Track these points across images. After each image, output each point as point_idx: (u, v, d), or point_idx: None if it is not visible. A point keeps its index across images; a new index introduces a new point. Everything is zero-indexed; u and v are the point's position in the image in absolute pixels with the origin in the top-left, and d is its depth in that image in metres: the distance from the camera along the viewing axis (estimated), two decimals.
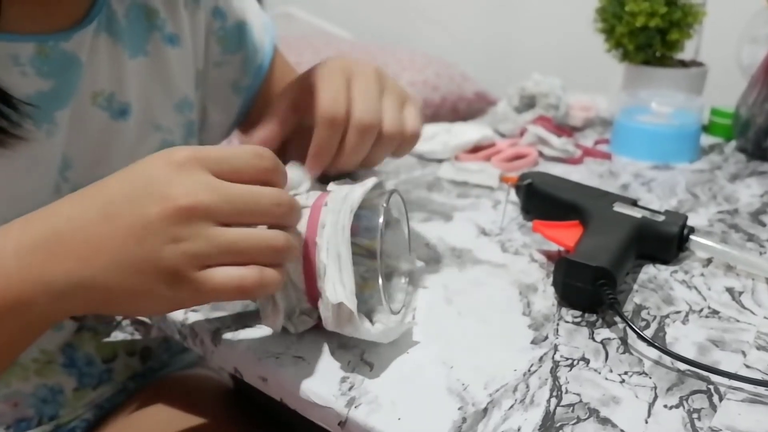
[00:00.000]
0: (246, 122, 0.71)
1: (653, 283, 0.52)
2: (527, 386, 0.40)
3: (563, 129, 0.87)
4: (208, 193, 0.34)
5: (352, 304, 0.38)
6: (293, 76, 0.72)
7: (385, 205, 0.43)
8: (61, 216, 0.35)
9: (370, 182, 0.45)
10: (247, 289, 0.35)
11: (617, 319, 0.47)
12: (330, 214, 0.41)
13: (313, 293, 0.41)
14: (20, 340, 0.38)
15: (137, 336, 0.60)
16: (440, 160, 0.82)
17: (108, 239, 0.34)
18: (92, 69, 0.52)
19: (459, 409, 0.38)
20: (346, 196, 0.42)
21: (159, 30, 0.58)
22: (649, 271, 0.54)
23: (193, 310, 0.47)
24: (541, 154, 0.83)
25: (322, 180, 0.50)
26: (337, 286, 0.39)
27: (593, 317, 0.47)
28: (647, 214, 0.55)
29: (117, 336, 0.60)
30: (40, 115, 0.48)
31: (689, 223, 0.56)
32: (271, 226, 0.37)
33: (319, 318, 0.41)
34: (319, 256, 0.40)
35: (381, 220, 0.43)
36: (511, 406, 0.38)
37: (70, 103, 0.50)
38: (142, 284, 0.34)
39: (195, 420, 0.57)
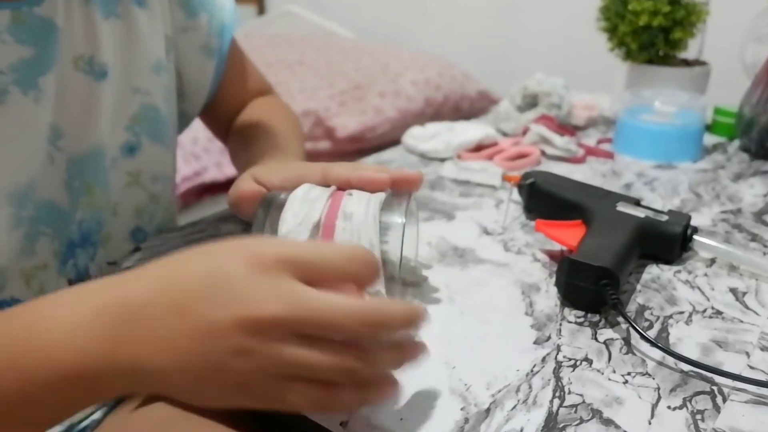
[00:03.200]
0: (216, 97, 0.72)
1: (656, 283, 0.52)
2: (530, 387, 0.40)
3: (566, 128, 0.86)
4: (288, 306, 0.31)
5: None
6: (247, 63, 0.75)
7: (403, 220, 0.43)
8: (136, 299, 0.33)
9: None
10: (323, 410, 0.34)
11: (620, 319, 0.47)
12: (360, 203, 0.42)
13: None
14: (74, 407, 0.37)
15: None
16: (443, 159, 0.82)
17: (177, 338, 0.32)
18: (70, 33, 0.53)
19: (461, 409, 0.38)
20: (371, 196, 0.44)
21: None
22: (653, 271, 0.54)
23: None
24: (543, 153, 0.82)
25: None
26: None
27: (596, 317, 0.47)
28: (650, 213, 0.55)
29: None
30: (24, 82, 0.49)
31: (692, 222, 0.55)
32: None
33: None
34: (337, 238, 0.42)
35: (401, 233, 0.43)
36: (514, 407, 0.38)
37: (53, 68, 0.52)
38: (209, 391, 0.34)
39: (194, 418, 0.57)
